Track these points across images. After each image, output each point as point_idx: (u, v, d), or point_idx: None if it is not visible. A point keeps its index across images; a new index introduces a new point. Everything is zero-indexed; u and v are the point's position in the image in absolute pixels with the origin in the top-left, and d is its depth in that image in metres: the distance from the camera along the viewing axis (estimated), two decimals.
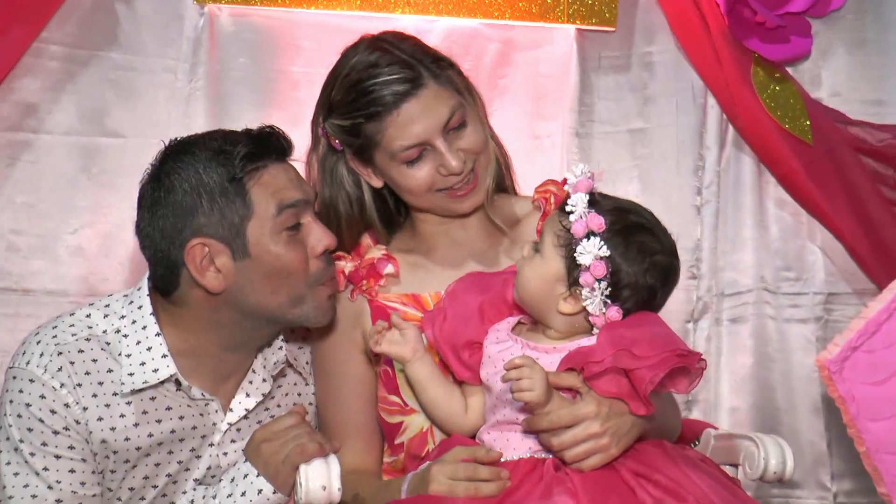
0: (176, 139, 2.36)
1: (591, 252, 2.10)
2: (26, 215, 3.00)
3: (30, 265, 3.01)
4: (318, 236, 2.29)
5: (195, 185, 2.29)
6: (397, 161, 2.37)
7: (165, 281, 2.30)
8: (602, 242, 2.09)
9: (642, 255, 2.14)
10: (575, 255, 2.11)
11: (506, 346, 2.19)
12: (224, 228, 2.26)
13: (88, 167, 3.03)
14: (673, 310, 3.10)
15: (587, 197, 2.15)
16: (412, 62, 2.37)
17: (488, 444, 2.16)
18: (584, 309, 2.13)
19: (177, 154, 2.31)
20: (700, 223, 3.27)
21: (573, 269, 2.13)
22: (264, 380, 2.37)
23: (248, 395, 2.36)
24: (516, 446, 2.13)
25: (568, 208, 2.13)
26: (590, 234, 2.11)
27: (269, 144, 2.32)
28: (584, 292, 2.12)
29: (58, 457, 2.21)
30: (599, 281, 2.10)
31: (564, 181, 2.22)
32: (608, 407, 2.05)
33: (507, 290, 2.28)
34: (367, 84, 2.36)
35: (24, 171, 3.00)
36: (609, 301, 2.13)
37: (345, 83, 2.41)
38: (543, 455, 2.09)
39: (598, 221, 2.11)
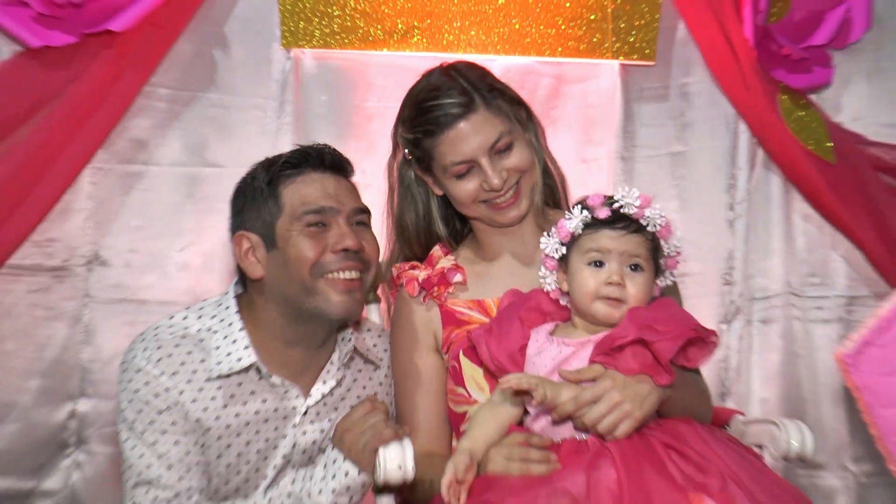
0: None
1: (672, 246, 2.34)
2: (140, 237, 3.13)
3: (143, 279, 3.13)
4: (340, 235, 2.38)
5: (244, 188, 2.48)
6: (449, 174, 2.51)
7: (239, 272, 2.49)
8: (660, 214, 2.29)
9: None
10: (665, 250, 2.32)
11: (543, 348, 2.31)
12: (260, 224, 2.42)
13: (192, 194, 3.17)
14: (708, 313, 3.31)
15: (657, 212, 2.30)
16: (469, 89, 2.48)
17: (538, 432, 2.23)
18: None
19: (251, 168, 2.50)
20: (733, 236, 3.38)
21: (660, 265, 2.33)
22: (338, 368, 2.50)
23: (324, 382, 2.48)
24: (561, 432, 2.20)
25: (650, 226, 2.28)
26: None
27: (308, 156, 2.45)
28: (664, 274, 2.34)
29: (164, 431, 2.34)
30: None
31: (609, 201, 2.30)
32: (623, 379, 2.14)
33: (542, 299, 2.41)
34: (428, 104, 2.50)
35: (137, 198, 3.13)
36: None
37: (412, 101, 2.56)
38: (584, 437, 2.16)
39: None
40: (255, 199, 2.45)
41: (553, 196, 2.69)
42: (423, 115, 2.51)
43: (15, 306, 3.06)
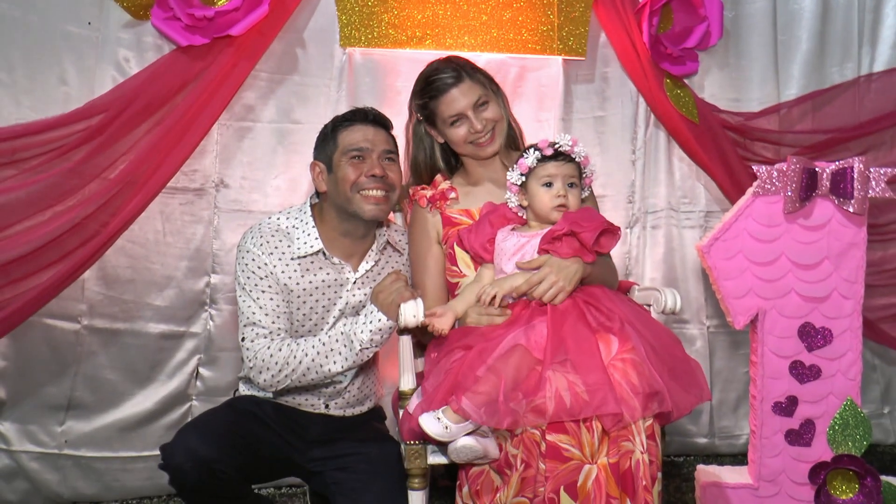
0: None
1: (589, 170, 2.33)
2: (250, 169, 3.06)
3: (252, 196, 3.07)
4: (371, 166, 2.36)
5: (321, 134, 2.48)
6: (447, 124, 2.49)
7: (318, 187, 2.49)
8: (582, 150, 2.29)
9: None
10: (584, 172, 2.31)
11: (508, 238, 2.30)
12: (325, 156, 2.42)
13: (282, 141, 3.07)
14: (617, 222, 3.19)
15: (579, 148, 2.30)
16: (458, 68, 2.48)
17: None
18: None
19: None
20: (634, 171, 3.34)
21: (583, 183, 2.33)
22: (376, 253, 2.50)
23: (367, 262, 2.47)
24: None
25: (577, 158, 2.27)
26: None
27: (358, 113, 2.46)
28: (584, 189, 2.34)
29: (263, 291, 2.35)
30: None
31: (548, 143, 2.29)
32: (558, 263, 2.17)
33: (506, 210, 2.38)
34: (431, 78, 2.50)
35: (248, 143, 3.05)
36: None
37: (421, 78, 2.56)
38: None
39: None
40: (324, 140, 2.45)
41: (514, 143, 2.68)
42: (428, 86, 2.50)
43: (172, 214, 3.03)
